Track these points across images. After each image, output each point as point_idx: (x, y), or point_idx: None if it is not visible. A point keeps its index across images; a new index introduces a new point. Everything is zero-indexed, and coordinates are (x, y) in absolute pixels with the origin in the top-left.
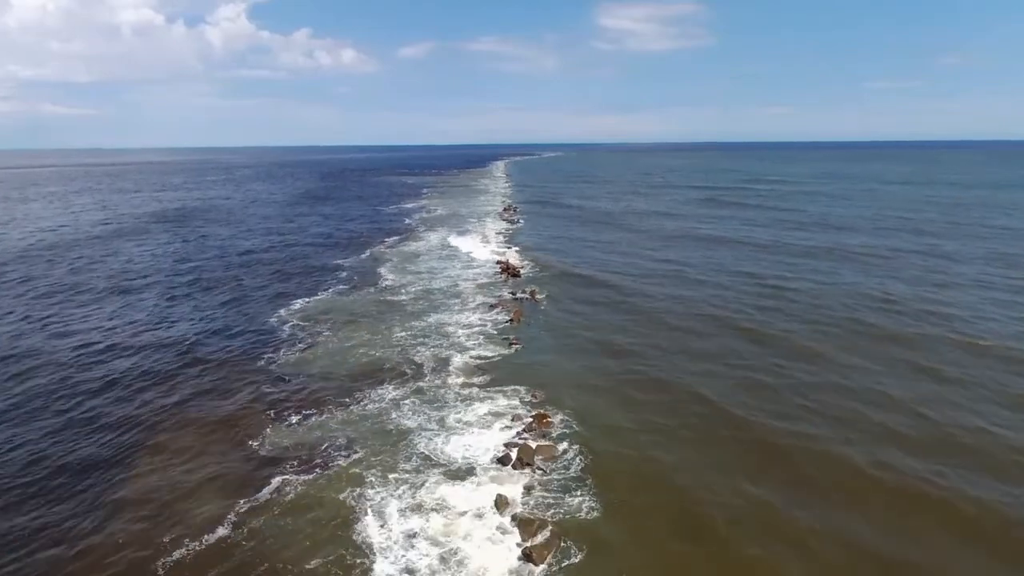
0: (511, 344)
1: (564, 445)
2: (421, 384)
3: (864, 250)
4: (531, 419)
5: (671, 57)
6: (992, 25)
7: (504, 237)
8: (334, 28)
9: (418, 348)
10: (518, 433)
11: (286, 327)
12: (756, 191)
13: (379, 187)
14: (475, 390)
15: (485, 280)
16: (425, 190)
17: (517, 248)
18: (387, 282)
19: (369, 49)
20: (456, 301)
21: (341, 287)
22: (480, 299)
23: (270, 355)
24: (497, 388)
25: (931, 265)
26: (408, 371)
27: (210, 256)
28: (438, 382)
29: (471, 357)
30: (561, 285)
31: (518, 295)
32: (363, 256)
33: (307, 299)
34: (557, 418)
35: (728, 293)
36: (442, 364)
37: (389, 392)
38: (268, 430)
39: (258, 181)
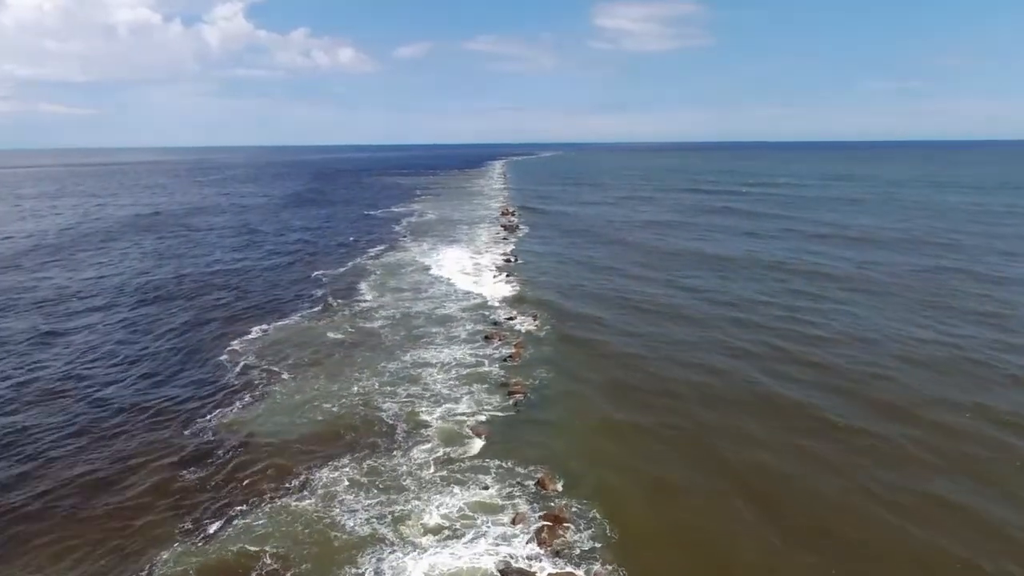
0: (510, 394)
1: (594, 569)
2: (385, 461)
3: (900, 271)
4: (540, 521)
5: (670, 57)
6: (992, 25)
7: (499, 249)
8: (332, 27)
9: (389, 400)
10: (523, 545)
11: (235, 368)
12: (762, 195)
13: (371, 189)
14: (459, 468)
15: (478, 300)
16: (418, 192)
17: (513, 260)
18: (365, 303)
19: (367, 48)
20: (442, 330)
21: (311, 310)
22: (471, 326)
23: (204, 414)
24: (488, 466)
25: (988, 293)
26: (372, 437)
27: (165, 271)
28: (407, 457)
29: (456, 415)
30: (563, 309)
31: (516, 320)
32: (342, 270)
33: (269, 326)
34: (573, 511)
35: (752, 338)
36: (417, 426)
37: (343, 472)
38: (165, 555)
39: (247, 183)
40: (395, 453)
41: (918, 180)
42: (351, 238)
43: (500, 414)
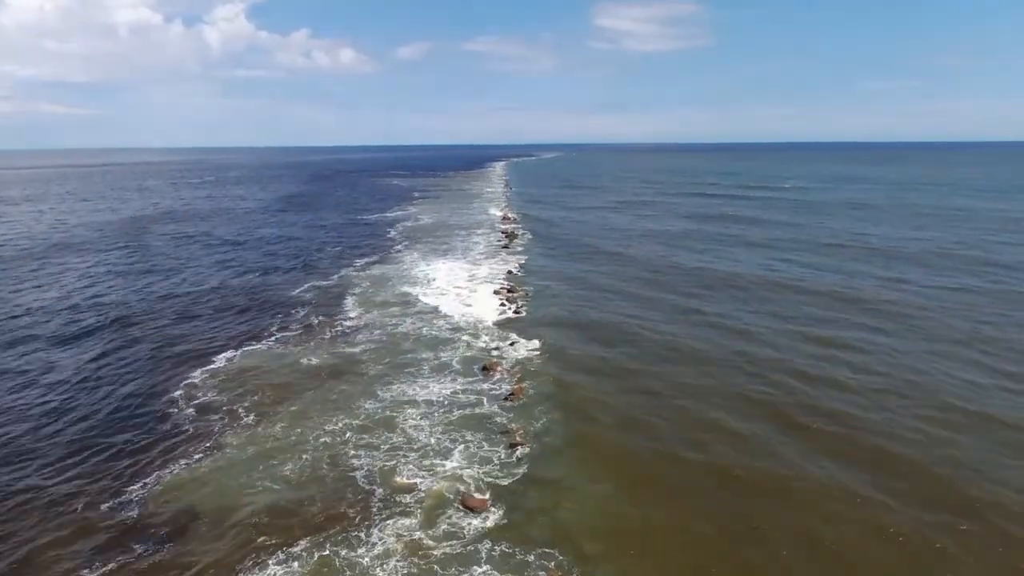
0: (511, 445)
1: None
2: (349, 550)
3: (934, 291)
4: None
5: (670, 57)
6: (992, 26)
7: (498, 260)
8: (332, 28)
9: (365, 454)
10: None
11: (189, 409)
12: (768, 200)
13: (368, 191)
14: (445, 555)
15: (474, 321)
16: (416, 194)
17: (513, 272)
18: (348, 322)
19: (367, 49)
20: (432, 356)
21: (287, 332)
22: (465, 352)
23: (137, 476)
24: (482, 553)
25: None
26: (339, 508)
27: (126, 288)
28: (379, 540)
29: (447, 474)
30: (567, 337)
31: (516, 347)
32: (326, 283)
33: (237, 352)
34: None
35: (774, 380)
36: (396, 492)
37: (292, 567)
38: None
39: (241, 184)
40: (364, 535)
41: (926, 182)
42: (342, 246)
43: (500, 474)
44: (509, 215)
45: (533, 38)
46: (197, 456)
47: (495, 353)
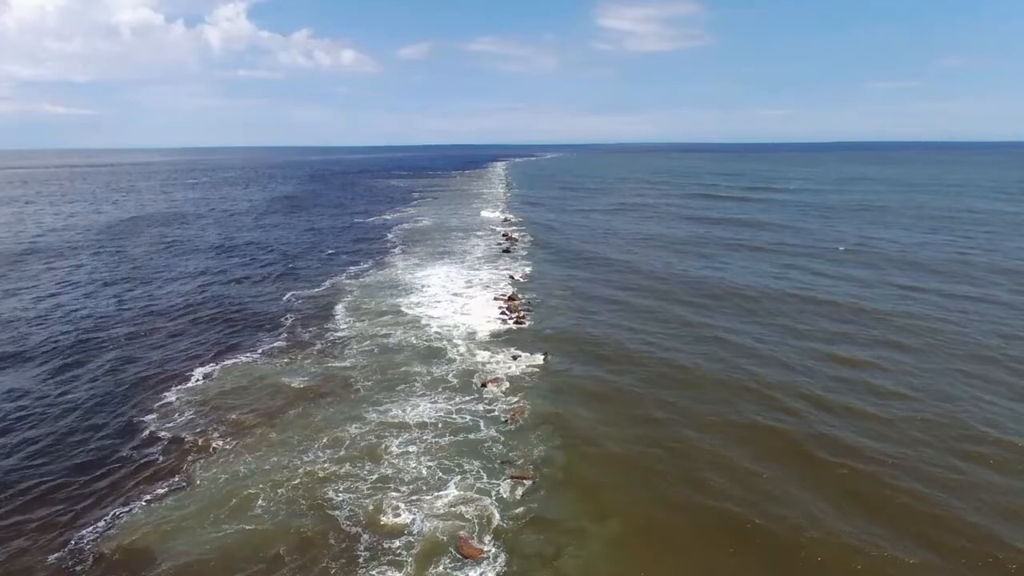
0: (510, 477)
1: None
2: None
3: (949, 295)
4: None
5: (672, 57)
6: (992, 26)
7: (497, 266)
8: (333, 28)
9: (348, 489)
10: None
11: (160, 434)
12: (774, 202)
13: (366, 192)
14: None
15: (470, 332)
16: (415, 195)
17: (512, 278)
18: (337, 334)
19: (368, 49)
20: (424, 371)
21: (271, 345)
22: (461, 366)
23: (90, 519)
24: None
25: None
26: (317, 556)
27: (103, 298)
28: None
29: (440, 513)
30: (567, 352)
31: (515, 363)
32: (317, 291)
33: (216, 367)
34: None
35: (793, 408)
36: (384, 537)
37: None
38: None
39: (237, 185)
40: None
41: (932, 183)
42: (335, 250)
43: (498, 512)
44: (509, 218)
45: (535, 38)
46: (160, 492)
47: (492, 368)
